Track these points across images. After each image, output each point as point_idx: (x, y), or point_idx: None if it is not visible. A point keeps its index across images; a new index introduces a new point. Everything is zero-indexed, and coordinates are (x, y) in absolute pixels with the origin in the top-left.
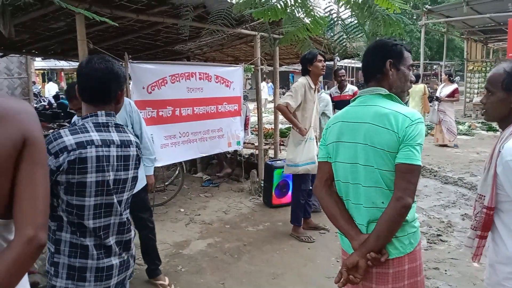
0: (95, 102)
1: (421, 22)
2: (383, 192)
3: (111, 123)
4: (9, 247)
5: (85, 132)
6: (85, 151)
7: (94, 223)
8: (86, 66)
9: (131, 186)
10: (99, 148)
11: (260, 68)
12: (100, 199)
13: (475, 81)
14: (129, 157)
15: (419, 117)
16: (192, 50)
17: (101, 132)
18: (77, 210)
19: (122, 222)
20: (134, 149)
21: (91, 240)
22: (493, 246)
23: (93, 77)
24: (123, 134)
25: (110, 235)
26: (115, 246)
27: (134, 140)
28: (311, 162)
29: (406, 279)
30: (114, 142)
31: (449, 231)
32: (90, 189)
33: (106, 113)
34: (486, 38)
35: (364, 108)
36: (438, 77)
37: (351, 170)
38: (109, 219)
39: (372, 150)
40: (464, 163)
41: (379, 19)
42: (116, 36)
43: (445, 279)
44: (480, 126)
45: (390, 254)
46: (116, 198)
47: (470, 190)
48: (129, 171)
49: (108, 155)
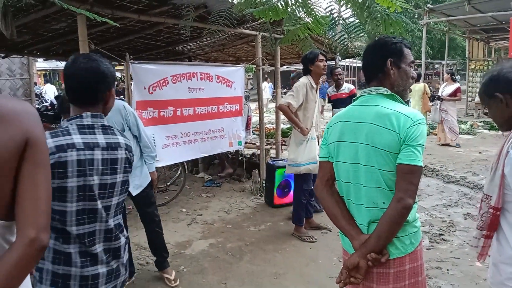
0: (81, 103)
1: (423, 21)
2: (384, 193)
3: (97, 124)
4: (11, 249)
5: (67, 135)
6: (65, 154)
7: (77, 230)
8: (72, 66)
9: (121, 190)
10: (80, 152)
11: (261, 68)
12: (82, 204)
13: (477, 80)
14: (116, 160)
15: (421, 118)
16: (193, 50)
17: (84, 135)
18: (59, 216)
19: (108, 229)
20: (123, 151)
21: (75, 247)
22: (497, 245)
23: (78, 78)
24: (110, 136)
25: (97, 242)
26: (102, 254)
27: (124, 143)
28: (313, 161)
29: (407, 279)
30: (99, 144)
31: (451, 230)
32: (71, 194)
33: (92, 114)
34: (488, 37)
35: (366, 108)
36: (440, 76)
37: (352, 170)
38: (93, 225)
39: (374, 150)
40: (466, 162)
41: (378, 19)
42: (118, 37)
43: (448, 279)
44: (482, 125)
45: (391, 254)
46: (102, 204)
47: (472, 189)
48: (117, 175)
49: (92, 158)
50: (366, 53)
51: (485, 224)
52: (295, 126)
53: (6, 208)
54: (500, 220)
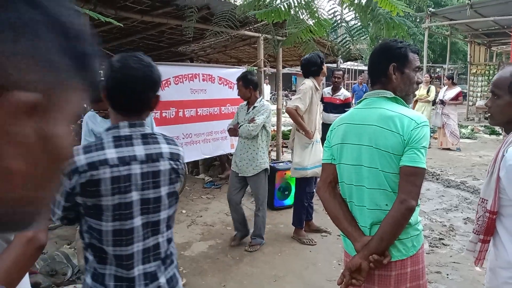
0: (126, 111)
1: (425, 25)
2: (387, 194)
3: (135, 134)
4: (9, 248)
5: (100, 149)
6: (97, 172)
7: (114, 251)
8: (121, 69)
9: (169, 203)
10: (114, 168)
11: (263, 70)
12: (119, 224)
13: (478, 85)
14: (159, 172)
15: (424, 120)
16: (195, 52)
17: (120, 148)
18: (96, 234)
19: (153, 246)
20: (166, 162)
21: (111, 269)
22: (494, 250)
23: (128, 84)
24: (151, 146)
25: (135, 265)
26: (140, 279)
27: (169, 152)
28: (319, 165)
29: (408, 281)
30: (136, 158)
31: (451, 235)
32: (107, 213)
33: (129, 123)
34: (489, 41)
35: (370, 110)
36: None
37: (355, 172)
38: (131, 247)
39: (377, 152)
40: (467, 167)
41: (382, 22)
42: (120, 37)
43: (447, 283)
44: (483, 130)
45: (393, 257)
46: (147, 219)
47: (472, 193)
48: (161, 188)
49: (129, 174)
50: (372, 56)
51: (481, 228)
52: (299, 129)
53: None
54: (496, 224)
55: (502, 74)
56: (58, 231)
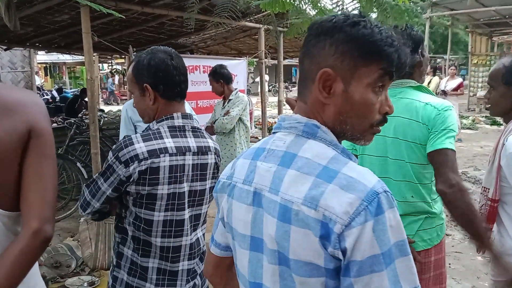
0: (176, 99)
1: (426, 15)
2: (412, 186)
3: (187, 126)
4: (16, 240)
5: (159, 138)
6: (158, 160)
7: (162, 242)
8: (175, 59)
9: (210, 197)
10: (173, 157)
11: (263, 61)
12: (170, 214)
13: (479, 75)
14: (206, 165)
15: (447, 105)
16: (195, 43)
17: (176, 138)
18: (144, 225)
19: (194, 242)
20: (212, 156)
21: (155, 262)
22: (499, 238)
23: (180, 70)
24: (201, 139)
25: (181, 259)
26: (183, 274)
27: (214, 147)
28: None
29: (432, 270)
30: (190, 149)
31: (453, 224)
32: (160, 202)
33: (182, 115)
34: (491, 31)
35: (394, 101)
36: (442, 71)
37: (378, 164)
38: (179, 240)
39: (404, 143)
40: (468, 157)
41: (388, 10)
42: (120, 29)
43: (450, 273)
44: (484, 120)
45: (418, 247)
46: (192, 213)
47: (474, 184)
48: (206, 181)
49: (183, 163)
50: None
51: (483, 217)
52: None
53: (13, 199)
54: (499, 212)
55: (496, 66)
56: (61, 223)
